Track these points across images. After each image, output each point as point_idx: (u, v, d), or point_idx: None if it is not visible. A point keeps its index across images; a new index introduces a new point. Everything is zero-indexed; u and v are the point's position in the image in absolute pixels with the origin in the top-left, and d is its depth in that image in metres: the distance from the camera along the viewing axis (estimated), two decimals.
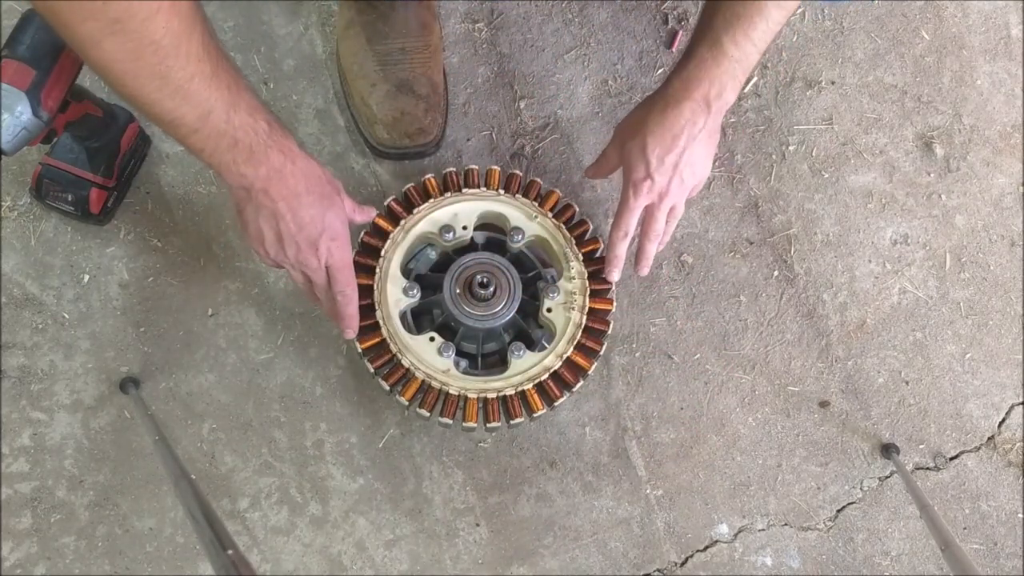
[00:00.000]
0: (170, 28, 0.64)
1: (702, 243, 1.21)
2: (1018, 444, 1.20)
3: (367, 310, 1.00)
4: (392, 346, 0.98)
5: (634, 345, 1.18)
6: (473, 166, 1.06)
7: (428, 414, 0.99)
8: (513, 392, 0.99)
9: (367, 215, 0.99)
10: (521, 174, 1.07)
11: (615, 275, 1.01)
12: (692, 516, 1.15)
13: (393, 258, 1.02)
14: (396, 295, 1.01)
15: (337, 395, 1.14)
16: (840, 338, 1.21)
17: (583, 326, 1.01)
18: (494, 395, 0.99)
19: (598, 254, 1.06)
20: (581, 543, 1.13)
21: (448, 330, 1.04)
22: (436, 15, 1.17)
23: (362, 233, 1.03)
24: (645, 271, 1.02)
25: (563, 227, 1.05)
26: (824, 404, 1.19)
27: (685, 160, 0.92)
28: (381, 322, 0.99)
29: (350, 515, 1.12)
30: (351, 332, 0.96)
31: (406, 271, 1.05)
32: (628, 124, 0.97)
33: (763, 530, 1.15)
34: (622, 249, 0.99)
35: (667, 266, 1.20)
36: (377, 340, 0.99)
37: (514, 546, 1.13)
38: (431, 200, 1.04)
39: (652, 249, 1.00)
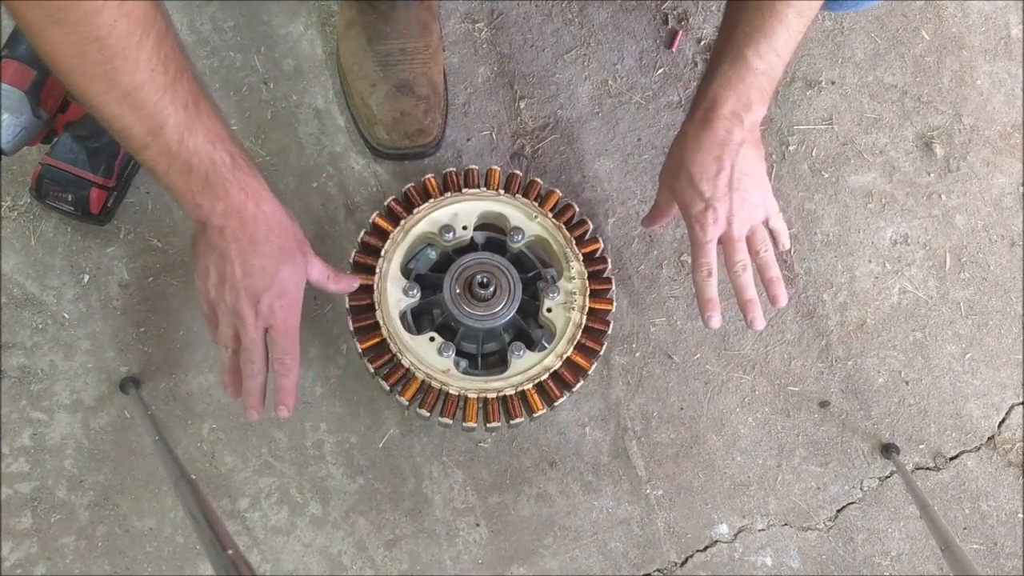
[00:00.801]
0: (117, 27, 0.62)
1: None
2: (1018, 444, 1.20)
3: (367, 310, 1.00)
4: (392, 346, 0.98)
5: (634, 345, 1.18)
6: (473, 166, 1.07)
7: (428, 414, 0.99)
8: (513, 392, 0.99)
9: (346, 284, 0.91)
10: (521, 174, 1.07)
11: (715, 321, 0.89)
12: (692, 516, 1.15)
13: (393, 258, 1.02)
14: (396, 295, 1.01)
15: (337, 395, 1.14)
16: (840, 338, 1.21)
17: (583, 326, 1.01)
18: (494, 395, 0.99)
19: (598, 254, 1.06)
20: (581, 543, 1.13)
21: (448, 330, 1.04)
22: (436, 15, 1.17)
23: (362, 233, 1.04)
24: (782, 302, 0.90)
25: (563, 227, 1.05)
26: (824, 404, 1.19)
27: (738, 174, 0.86)
28: (381, 322, 0.99)
29: (350, 515, 1.12)
30: (284, 411, 0.84)
31: (406, 271, 1.05)
32: (668, 165, 0.93)
33: (763, 530, 1.15)
34: (711, 290, 0.89)
35: (667, 266, 1.20)
36: (377, 340, 0.99)
37: (514, 546, 1.13)
38: (431, 200, 1.04)
39: (748, 282, 0.88)
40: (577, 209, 1.07)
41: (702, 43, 1.26)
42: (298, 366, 0.84)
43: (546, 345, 1.04)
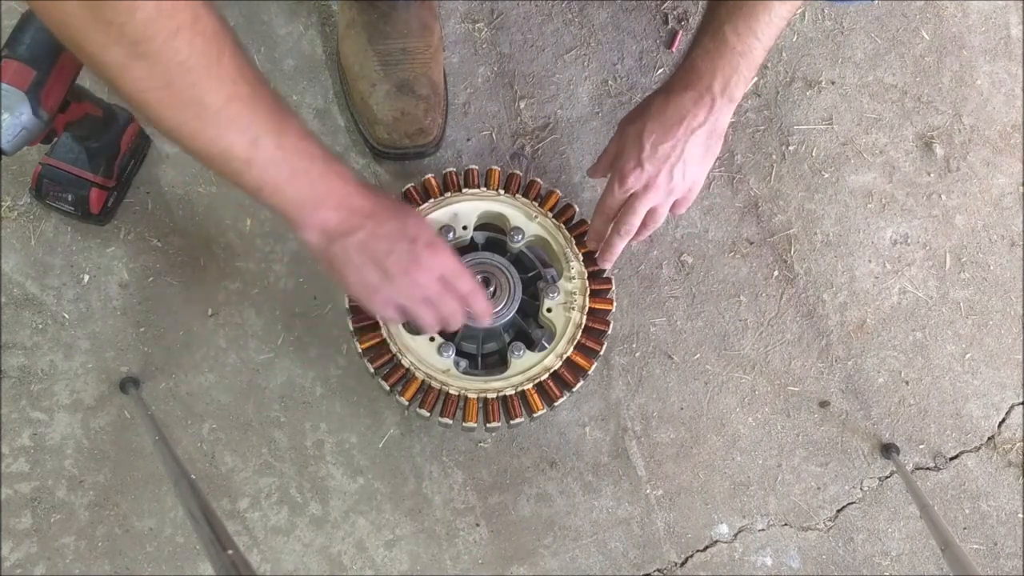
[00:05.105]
0: (195, 47, 0.62)
1: (702, 243, 1.21)
2: (1018, 444, 1.20)
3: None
4: (392, 346, 0.98)
5: (634, 345, 1.18)
6: (473, 166, 1.06)
7: (428, 414, 0.99)
8: (513, 392, 0.99)
9: None
10: (521, 174, 1.07)
11: (609, 264, 0.99)
12: (692, 516, 1.15)
13: None
14: None
15: (337, 395, 1.14)
16: (840, 338, 1.21)
17: (583, 326, 1.01)
18: (494, 395, 0.99)
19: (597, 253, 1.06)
20: (581, 543, 1.13)
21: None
22: (437, 15, 1.17)
23: None
24: (607, 266, 0.98)
25: (563, 227, 1.04)
26: (824, 404, 1.19)
27: (679, 153, 0.88)
28: (381, 322, 0.99)
29: (350, 515, 1.12)
30: (487, 319, 0.90)
31: None
32: (631, 114, 0.95)
33: (763, 530, 1.15)
34: (604, 228, 0.96)
35: (667, 266, 1.20)
36: (377, 340, 0.99)
37: (514, 546, 1.13)
38: (431, 200, 1.04)
39: (620, 245, 0.95)
40: (577, 209, 1.07)
41: None
42: (480, 288, 0.87)
43: (546, 345, 1.03)
